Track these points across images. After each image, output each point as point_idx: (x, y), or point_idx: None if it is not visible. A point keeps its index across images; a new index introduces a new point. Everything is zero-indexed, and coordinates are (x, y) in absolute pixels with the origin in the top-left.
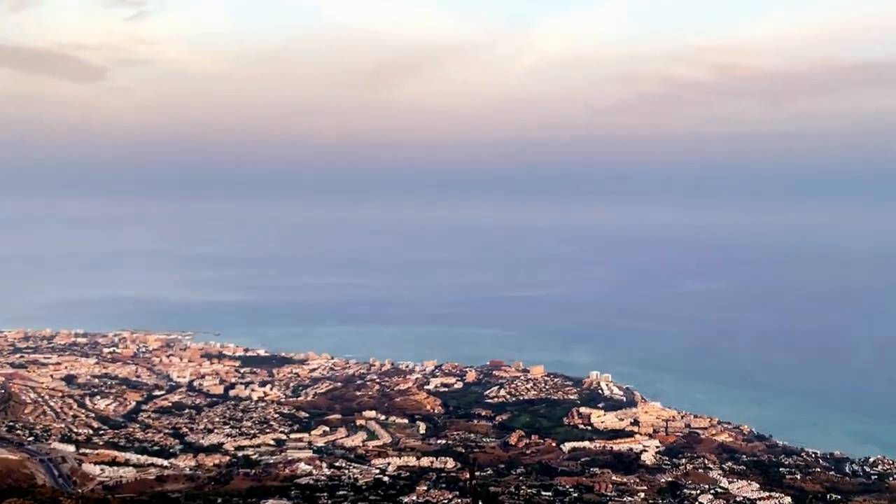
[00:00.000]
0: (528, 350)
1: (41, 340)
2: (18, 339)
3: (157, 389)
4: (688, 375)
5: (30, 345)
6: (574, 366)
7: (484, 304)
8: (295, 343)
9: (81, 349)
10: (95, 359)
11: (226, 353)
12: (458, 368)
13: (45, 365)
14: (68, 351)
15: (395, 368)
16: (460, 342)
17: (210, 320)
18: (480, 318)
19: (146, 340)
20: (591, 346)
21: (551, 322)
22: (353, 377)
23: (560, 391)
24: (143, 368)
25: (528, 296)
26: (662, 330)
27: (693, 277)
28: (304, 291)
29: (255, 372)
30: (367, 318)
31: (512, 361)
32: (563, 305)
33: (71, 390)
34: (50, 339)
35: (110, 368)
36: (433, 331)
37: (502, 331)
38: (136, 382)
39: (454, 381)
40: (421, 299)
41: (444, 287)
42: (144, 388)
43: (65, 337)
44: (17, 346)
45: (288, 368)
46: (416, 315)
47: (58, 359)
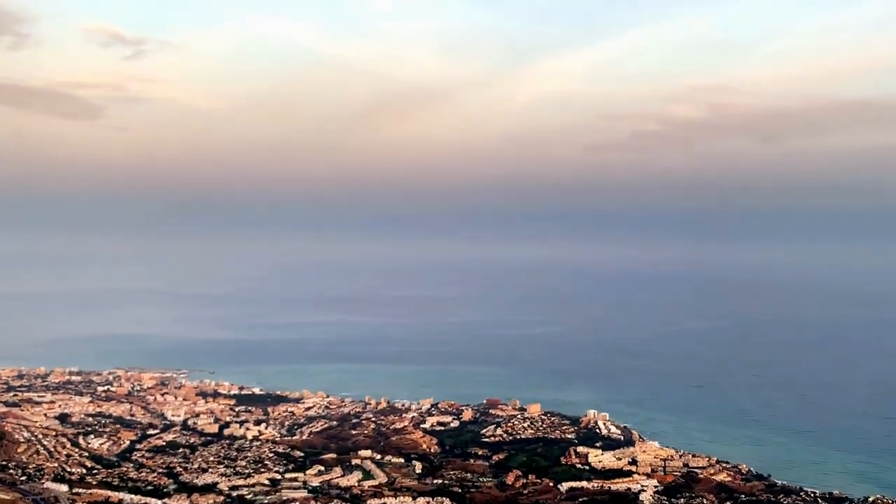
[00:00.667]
0: (525, 388)
1: (35, 378)
2: (12, 377)
3: (151, 428)
4: (686, 414)
5: (24, 383)
6: (571, 404)
7: (480, 341)
8: (290, 381)
9: (76, 387)
10: (90, 397)
11: (221, 392)
12: (454, 407)
13: (39, 403)
14: (62, 389)
15: (391, 407)
16: (456, 380)
17: (205, 358)
18: (477, 355)
19: (141, 379)
20: (588, 385)
21: (548, 360)
22: (349, 416)
23: (557, 430)
24: (138, 407)
25: (525, 333)
26: (660, 368)
27: (690, 315)
28: (300, 329)
29: (249, 410)
30: (363, 355)
31: (509, 400)
32: (559, 343)
33: (65, 429)
34: (44, 377)
35: (104, 407)
36: (429, 369)
37: (499, 368)
38: (131, 421)
39: (450, 420)
40: (417, 337)
41: (441, 324)
42: (139, 427)
43: (59, 375)
44: (11, 384)
45: (283, 407)
46: (412, 353)
47: (52, 397)
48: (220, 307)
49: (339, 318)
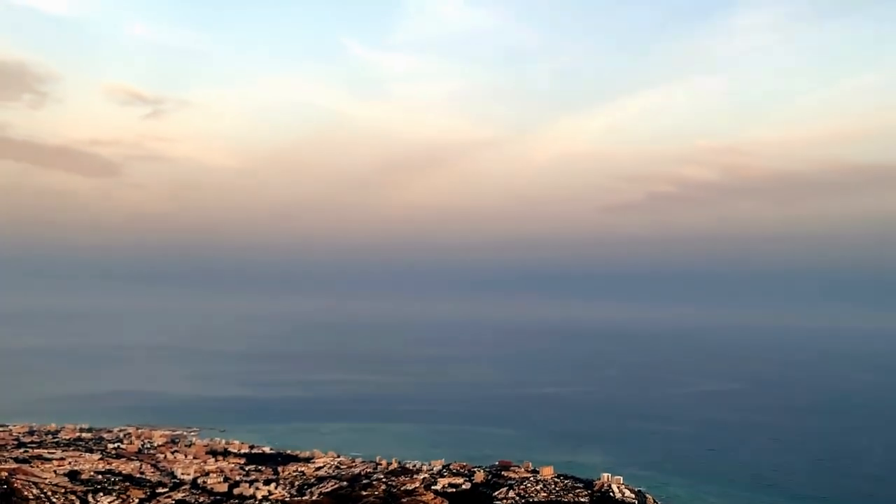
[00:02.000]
0: (538, 450)
1: (46, 435)
2: (23, 433)
3: (160, 486)
4: (701, 478)
5: (34, 439)
6: (584, 467)
7: (492, 402)
8: (301, 440)
9: (86, 444)
10: (100, 454)
11: (231, 450)
12: (466, 468)
13: (50, 460)
14: (73, 446)
15: (402, 468)
16: (468, 441)
17: (216, 416)
18: (488, 416)
19: (151, 436)
20: (601, 447)
21: (560, 421)
22: (359, 476)
23: (570, 493)
24: (148, 465)
25: (537, 394)
26: (674, 431)
27: (704, 377)
28: (312, 387)
29: (259, 469)
30: (374, 415)
31: (521, 462)
32: (572, 404)
33: (74, 486)
34: (55, 433)
35: (114, 464)
36: (440, 429)
37: (511, 430)
38: (140, 479)
39: (462, 482)
40: (428, 396)
41: (452, 384)
42: (148, 485)
43: (70, 431)
44: (22, 440)
45: (293, 466)
46: (424, 413)
47: (62, 454)
48: (233, 364)
49: (351, 376)
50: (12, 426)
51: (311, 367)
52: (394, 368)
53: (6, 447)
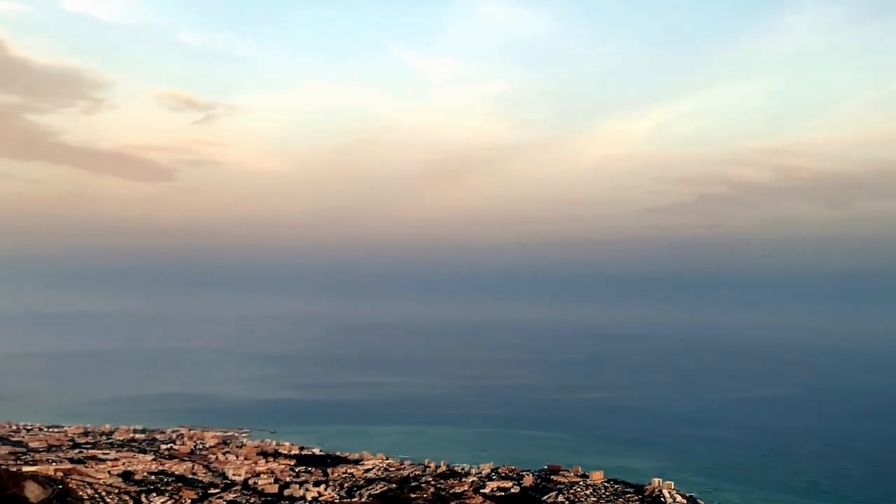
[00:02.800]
0: (587, 454)
1: (100, 436)
2: (78, 434)
3: (212, 487)
4: (754, 484)
5: (89, 440)
6: (635, 472)
7: (541, 405)
8: (350, 442)
9: (139, 445)
10: (153, 455)
11: (281, 452)
12: (514, 472)
13: (104, 460)
14: (126, 447)
15: (451, 470)
16: (517, 444)
17: (267, 418)
18: (537, 420)
19: (203, 437)
20: (652, 452)
21: (610, 426)
22: (408, 479)
23: (620, 498)
24: (200, 466)
25: (586, 398)
26: (727, 436)
27: (756, 383)
28: (361, 390)
29: (309, 471)
30: (423, 417)
31: (570, 466)
32: (622, 409)
33: (127, 486)
34: (109, 434)
35: (167, 465)
36: (489, 432)
37: (560, 434)
38: (192, 480)
39: (511, 485)
40: (477, 400)
41: (500, 388)
42: (200, 486)
43: (123, 433)
44: (77, 441)
45: (342, 468)
46: (472, 416)
47: (116, 454)
48: (282, 366)
49: (399, 379)
50: (68, 427)
51: (359, 369)
52: (440, 371)
53: (61, 448)
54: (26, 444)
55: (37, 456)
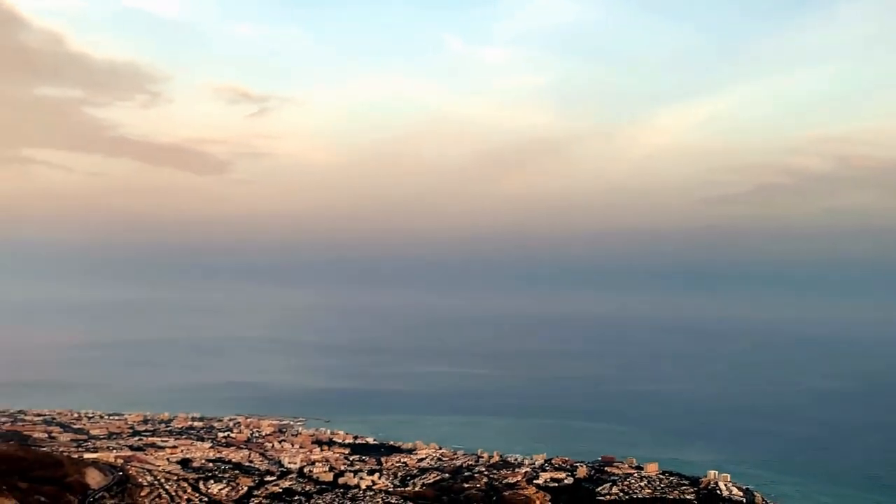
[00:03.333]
0: (642, 446)
1: (159, 424)
2: (138, 422)
3: (268, 475)
4: (812, 478)
5: (148, 428)
6: (690, 464)
7: (595, 397)
8: (403, 432)
9: (197, 433)
10: (210, 443)
11: (336, 440)
12: (568, 463)
13: (163, 448)
14: (185, 435)
15: (504, 461)
16: (570, 436)
17: (321, 407)
18: (591, 411)
19: (259, 426)
20: (708, 445)
21: (666, 418)
22: (461, 468)
23: (676, 490)
24: (256, 453)
25: (641, 390)
26: (785, 429)
27: (816, 375)
28: (414, 380)
29: (363, 460)
30: (477, 408)
31: (625, 458)
32: (677, 401)
33: (186, 474)
34: (168, 422)
35: (224, 453)
36: (543, 423)
37: (615, 425)
38: (249, 467)
39: (564, 477)
40: (531, 391)
41: (554, 379)
42: (256, 474)
43: (182, 421)
44: (137, 428)
45: (396, 457)
46: (526, 407)
47: (174, 442)
48: (335, 357)
49: (452, 369)
50: (128, 415)
51: (412, 359)
52: (494, 362)
53: (122, 435)
54: (88, 432)
55: (98, 443)
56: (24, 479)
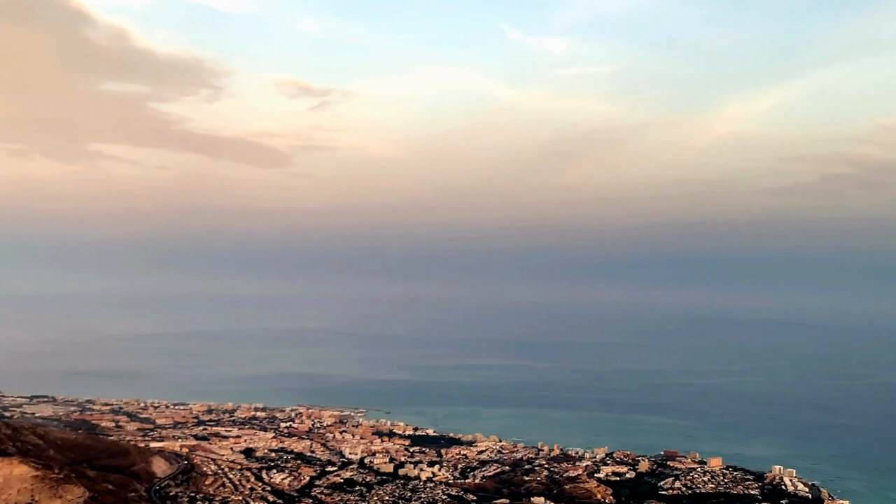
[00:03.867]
0: (705, 441)
1: (223, 413)
2: (202, 411)
3: (329, 465)
4: (881, 474)
5: (212, 417)
6: (754, 459)
7: (657, 390)
8: (462, 424)
9: (260, 423)
10: (273, 433)
11: (396, 432)
12: (630, 457)
13: (226, 437)
14: (248, 424)
15: (564, 454)
16: (631, 430)
17: (381, 398)
18: (653, 405)
19: (321, 416)
20: (772, 439)
21: (729, 412)
22: (521, 461)
23: (740, 485)
24: (317, 444)
25: (704, 384)
26: (853, 424)
27: (882, 369)
28: (473, 372)
29: (423, 451)
30: (536, 401)
31: (687, 452)
32: (741, 395)
33: (249, 463)
34: (231, 412)
35: (286, 443)
36: (603, 417)
37: (676, 419)
38: (310, 457)
39: (626, 471)
40: (591, 384)
41: (615, 372)
42: (318, 464)
43: (245, 411)
44: (201, 418)
45: (456, 449)
46: (586, 400)
47: (238, 432)
48: (395, 348)
49: (512, 362)
50: (192, 405)
51: (471, 352)
52: (553, 355)
53: (187, 425)
54: (154, 421)
55: (164, 432)
56: (93, 467)
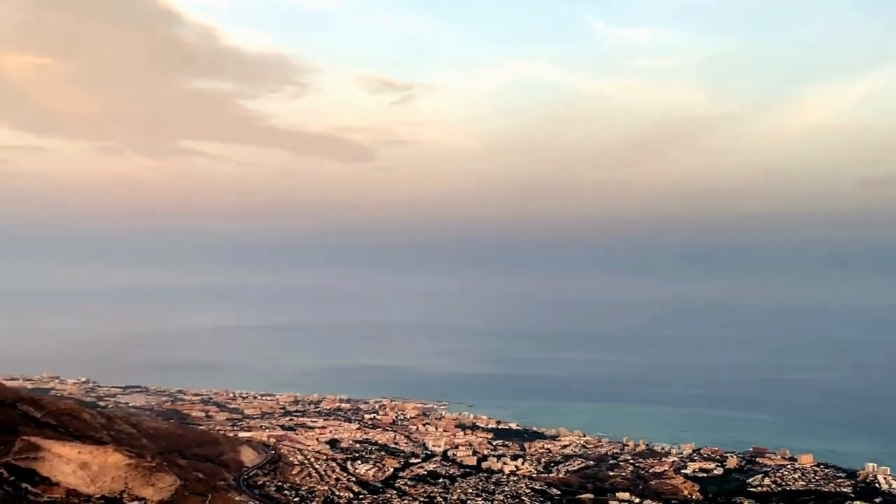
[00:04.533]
0: (795, 437)
1: (309, 405)
2: (289, 402)
3: (413, 457)
4: None
5: (298, 408)
6: (847, 456)
7: (744, 386)
8: (545, 418)
9: (345, 414)
10: (357, 424)
11: (479, 425)
12: (717, 453)
13: (312, 428)
14: (333, 416)
15: (650, 450)
16: (719, 425)
17: (463, 391)
18: (740, 400)
19: (404, 409)
20: (866, 436)
21: (821, 408)
22: (606, 456)
23: (831, 483)
24: (401, 436)
25: (794, 379)
26: None
27: None
28: (557, 366)
29: (506, 445)
30: (620, 395)
31: (777, 449)
32: (834, 391)
33: (334, 454)
34: (317, 403)
35: (370, 434)
36: (690, 412)
37: (765, 415)
38: (394, 449)
39: (713, 467)
40: (676, 379)
41: (702, 367)
42: (402, 456)
43: (330, 402)
44: (288, 409)
45: (539, 443)
46: (671, 395)
47: (323, 423)
48: (478, 341)
49: (595, 356)
50: (279, 396)
51: (552, 345)
52: (637, 349)
53: (273, 415)
54: (242, 411)
55: (251, 423)
56: (184, 456)
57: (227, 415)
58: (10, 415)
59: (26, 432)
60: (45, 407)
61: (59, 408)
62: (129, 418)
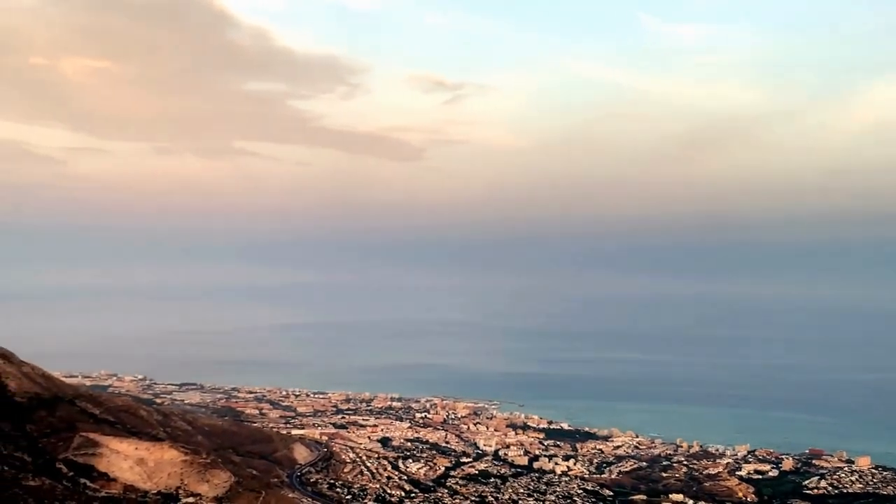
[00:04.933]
0: (853, 439)
1: (360, 403)
2: (341, 400)
3: (464, 456)
4: None
5: (350, 406)
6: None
7: (799, 386)
8: (597, 418)
9: (396, 413)
10: (408, 423)
11: (530, 425)
12: (772, 455)
13: (364, 426)
14: (384, 414)
15: (704, 451)
16: (774, 427)
17: (514, 391)
18: (795, 401)
19: (455, 408)
20: None
21: (880, 409)
22: (659, 457)
23: (890, 485)
24: (452, 435)
25: (852, 380)
26: None
27: None
28: (608, 366)
29: (558, 445)
30: (672, 396)
31: (834, 451)
32: (891, 392)
33: (386, 452)
34: (368, 402)
35: (421, 433)
36: (744, 413)
37: (822, 417)
38: (445, 448)
39: (769, 469)
40: (729, 379)
41: (755, 367)
42: (453, 455)
43: (382, 401)
44: (340, 407)
45: (591, 444)
46: (724, 396)
47: (375, 421)
48: (528, 341)
49: (647, 356)
50: (331, 394)
51: (603, 345)
52: (691, 349)
53: (326, 413)
54: (295, 409)
55: (304, 420)
56: (238, 453)
57: (280, 412)
58: (70, 411)
59: (85, 428)
60: (103, 404)
61: (116, 404)
62: (184, 415)
